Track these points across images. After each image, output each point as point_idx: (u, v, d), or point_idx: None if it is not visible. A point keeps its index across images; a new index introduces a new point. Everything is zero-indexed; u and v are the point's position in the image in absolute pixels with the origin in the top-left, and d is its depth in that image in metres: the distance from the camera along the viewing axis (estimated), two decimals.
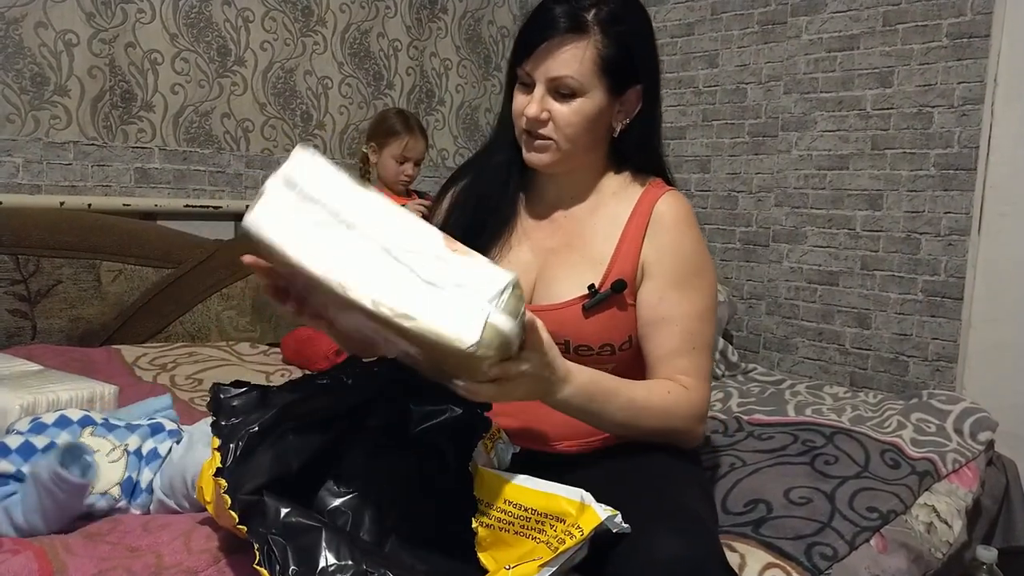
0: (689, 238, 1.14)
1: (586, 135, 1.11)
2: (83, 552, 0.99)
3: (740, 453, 1.61)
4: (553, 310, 1.11)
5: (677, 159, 2.78)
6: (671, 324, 1.10)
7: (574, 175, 1.18)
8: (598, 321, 1.10)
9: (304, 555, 0.83)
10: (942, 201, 2.21)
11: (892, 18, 2.27)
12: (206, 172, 2.50)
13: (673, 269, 1.11)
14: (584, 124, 1.10)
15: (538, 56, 1.08)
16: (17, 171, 2.15)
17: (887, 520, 1.37)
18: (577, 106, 1.08)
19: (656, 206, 1.14)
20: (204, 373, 1.97)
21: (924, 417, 1.82)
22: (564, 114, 1.09)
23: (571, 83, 1.07)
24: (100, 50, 2.25)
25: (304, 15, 2.66)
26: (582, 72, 1.07)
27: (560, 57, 1.07)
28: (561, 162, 1.13)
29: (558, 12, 1.07)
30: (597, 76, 1.08)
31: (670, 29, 2.78)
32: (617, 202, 1.17)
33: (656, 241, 1.12)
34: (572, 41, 1.06)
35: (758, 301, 2.62)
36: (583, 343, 1.11)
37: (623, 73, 1.09)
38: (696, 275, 1.13)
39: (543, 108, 1.09)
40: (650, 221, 1.13)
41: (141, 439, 1.15)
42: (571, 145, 1.11)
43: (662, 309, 1.10)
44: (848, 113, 2.37)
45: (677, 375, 1.10)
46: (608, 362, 1.12)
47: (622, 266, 1.12)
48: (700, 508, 1.02)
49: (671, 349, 1.10)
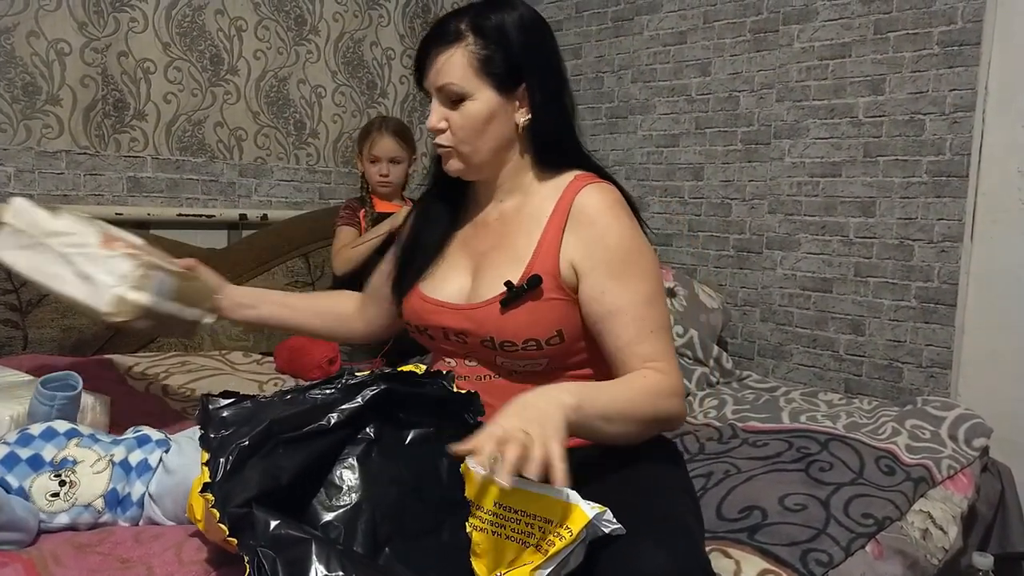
0: (615, 227, 1.14)
1: (484, 136, 1.15)
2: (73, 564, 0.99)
3: (735, 460, 1.61)
4: (477, 308, 1.15)
5: (670, 167, 2.79)
6: (620, 315, 1.10)
7: (496, 176, 1.21)
8: (517, 316, 1.12)
9: (294, 568, 0.82)
10: (935, 208, 2.22)
11: (883, 26, 2.28)
12: (199, 181, 2.50)
13: (606, 260, 1.12)
14: (476, 126, 1.14)
15: (427, 70, 1.16)
16: (9, 180, 2.14)
17: (882, 526, 1.37)
18: (466, 109, 1.14)
19: (576, 199, 1.15)
20: (196, 383, 1.96)
21: (919, 423, 1.82)
22: (456, 119, 1.14)
23: (455, 88, 1.13)
24: (92, 59, 2.24)
25: (297, 24, 2.67)
26: (462, 76, 1.12)
27: (440, 66, 1.14)
28: (473, 167, 1.19)
29: (439, 27, 1.15)
30: (478, 77, 1.12)
31: (663, 37, 2.79)
32: (541, 199, 1.19)
33: (579, 235, 1.14)
34: (448, 49, 1.13)
35: (752, 308, 2.62)
36: (506, 339, 1.13)
37: (505, 72, 1.13)
38: (631, 262, 1.13)
39: (441, 117, 1.15)
40: (570, 214, 1.15)
41: (127, 450, 1.14)
42: (470, 147, 1.15)
43: (607, 302, 1.11)
44: (840, 121, 2.38)
45: (643, 365, 1.10)
46: (536, 356, 1.14)
47: (542, 262, 1.14)
48: (687, 518, 1.02)
49: (628, 339, 1.10)
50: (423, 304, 1.22)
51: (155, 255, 1.31)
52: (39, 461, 1.09)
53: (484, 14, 1.14)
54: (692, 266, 2.75)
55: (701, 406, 2.06)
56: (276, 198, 2.67)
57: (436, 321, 1.20)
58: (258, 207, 2.62)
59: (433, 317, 1.20)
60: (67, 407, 1.20)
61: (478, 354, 1.18)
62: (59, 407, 1.19)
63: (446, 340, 1.20)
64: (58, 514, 1.07)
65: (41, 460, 1.09)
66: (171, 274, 1.30)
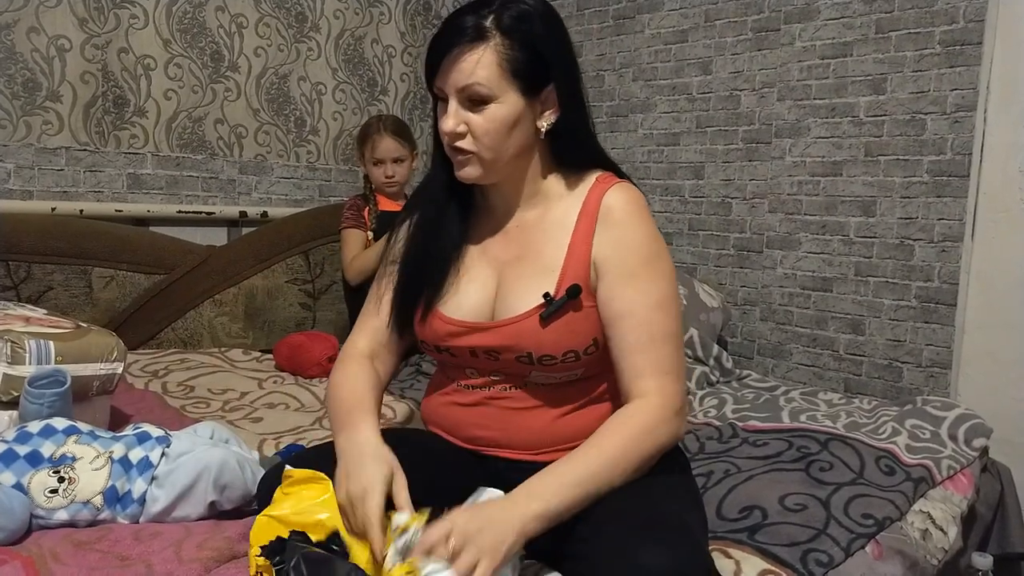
0: (640, 229, 1.11)
1: (508, 141, 1.08)
2: (72, 561, 0.98)
3: (735, 459, 1.61)
4: (511, 324, 1.10)
5: (671, 165, 2.78)
6: (627, 318, 1.07)
7: (514, 182, 1.15)
8: (556, 329, 1.08)
9: None
10: (935, 207, 2.22)
11: (885, 25, 2.28)
12: (199, 178, 2.49)
13: (624, 262, 1.09)
14: (502, 130, 1.07)
15: (445, 69, 1.07)
16: (9, 176, 2.14)
17: (882, 527, 1.37)
18: (491, 113, 1.06)
19: (604, 200, 1.11)
20: (196, 380, 1.96)
21: (919, 423, 1.82)
22: (479, 123, 1.07)
23: (480, 90, 1.05)
24: (93, 55, 2.24)
25: (298, 21, 2.66)
26: (488, 77, 1.05)
27: (464, 66, 1.05)
28: (491, 173, 1.11)
29: (458, 23, 1.06)
30: (506, 80, 1.06)
31: (664, 36, 2.78)
32: (565, 204, 1.15)
33: (607, 236, 1.10)
34: (473, 48, 1.05)
35: (752, 307, 2.62)
36: (545, 353, 1.09)
37: (532, 74, 1.07)
38: (648, 265, 1.09)
39: (460, 121, 1.07)
40: (599, 217, 1.11)
41: (127, 447, 1.14)
42: (494, 154, 1.09)
43: (616, 305, 1.08)
44: (841, 120, 2.37)
45: (638, 380, 1.05)
46: (575, 368, 1.11)
47: (575, 270, 1.10)
48: (688, 517, 1.01)
49: (629, 345, 1.06)
50: (446, 327, 1.14)
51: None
52: (37, 457, 1.09)
53: (508, 11, 1.06)
54: (692, 265, 2.75)
55: (701, 405, 2.06)
56: (276, 195, 2.67)
57: (464, 343, 1.13)
58: (258, 204, 2.62)
59: (460, 340, 1.13)
60: (59, 403, 1.20)
61: (509, 369, 1.13)
62: (50, 403, 1.18)
63: (473, 358, 1.14)
64: (57, 510, 1.07)
65: (40, 456, 1.09)
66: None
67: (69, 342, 1.32)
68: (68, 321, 1.44)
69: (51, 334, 1.31)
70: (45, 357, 1.26)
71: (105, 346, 1.38)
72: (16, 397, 1.23)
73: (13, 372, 1.23)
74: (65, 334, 1.33)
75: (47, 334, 1.30)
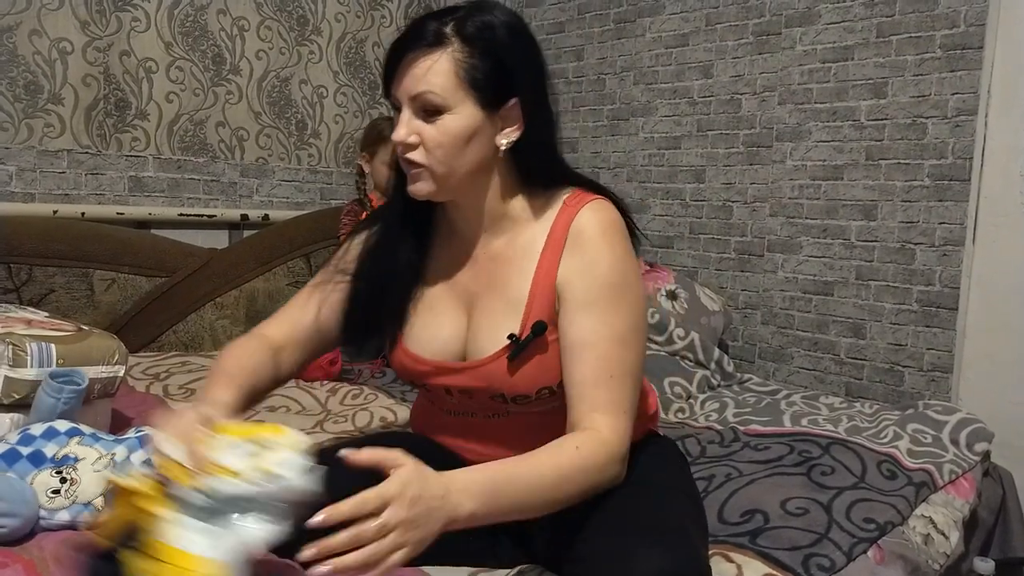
0: (608, 254, 1.03)
1: (463, 156, 1.01)
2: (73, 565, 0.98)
3: (736, 463, 1.61)
4: (480, 366, 1.05)
5: (672, 169, 2.78)
6: (585, 349, 1.00)
7: (474, 202, 1.07)
8: (526, 370, 1.03)
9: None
10: (936, 211, 2.22)
11: (886, 29, 2.28)
12: (200, 181, 2.50)
13: (588, 289, 1.01)
14: (456, 143, 0.99)
15: (399, 76, 1.00)
16: (10, 179, 2.14)
17: (884, 531, 1.36)
18: (444, 124, 0.99)
19: (574, 223, 1.04)
20: (197, 383, 1.96)
21: (920, 428, 1.82)
22: (431, 134, 0.99)
23: (432, 98, 0.98)
24: (94, 58, 2.24)
25: (299, 24, 2.67)
26: (442, 85, 0.97)
27: (417, 72, 0.98)
28: (444, 189, 1.03)
29: (418, 28, 1.00)
30: (462, 90, 0.98)
31: (665, 40, 2.78)
32: (532, 230, 1.07)
33: (572, 261, 1.03)
34: (429, 54, 0.98)
35: (753, 311, 2.62)
36: (518, 393, 1.05)
37: (494, 87, 1.00)
38: (613, 292, 1.01)
39: (411, 131, 1.00)
40: (567, 241, 1.04)
41: (129, 450, 1.14)
42: (446, 168, 1.01)
43: (574, 333, 1.01)
44: (842, 124, 2.38)
45: (591, 413, 0.98)
46: (550, 402, 1.06)
47: (540, 303, 1.04)
48: (686, 520, 1.00)
49: (585, 378, 0.99)
50: (416, 365, 1.10)
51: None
52: (40, 457, 1.09)
53: (471, 19, 0.99)
54: (693, 268, 2.75)
55: (702, 409, 2.05)
56: (277, 198, 2.67)
57: (436, 382, 1.10)
58: (259, 207, 2.62)
59: (432, 379, 1.10)
60: (73, 401, 1.21)
61: (485, 406, 1.09)
62: (66, 400, 1.19)
63: (448, 396, 1.11)
64: (59, 511, 1.07)
65: (43, 456, 1.09)
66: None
67: (70, 345, 1.32)
68: (70, 324, 1.44)
69: (52, 337, 1.31)
70: (46, 360, 1.26)
71: (106, 349, 1.37)
72: (17, 400, 1.22)
73: (14, 375, 1.23)
74: (66, 337, 1.33)
75: (49, 337, 1.30)
